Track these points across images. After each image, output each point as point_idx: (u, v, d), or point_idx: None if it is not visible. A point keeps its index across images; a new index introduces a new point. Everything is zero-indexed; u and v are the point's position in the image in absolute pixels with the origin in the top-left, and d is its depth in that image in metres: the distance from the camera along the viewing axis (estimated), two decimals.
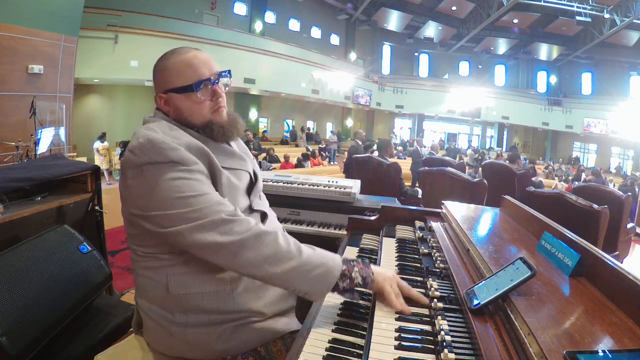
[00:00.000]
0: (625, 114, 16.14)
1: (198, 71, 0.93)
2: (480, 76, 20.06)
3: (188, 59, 0.93)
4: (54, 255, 1.32)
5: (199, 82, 0.92)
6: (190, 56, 0.94)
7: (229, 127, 0.97)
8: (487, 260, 0.91)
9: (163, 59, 0.96)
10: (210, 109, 0.95)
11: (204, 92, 0.94)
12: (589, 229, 2.39)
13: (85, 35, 7.39)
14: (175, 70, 0.93)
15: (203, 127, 0.95)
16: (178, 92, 0.93)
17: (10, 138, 4.99)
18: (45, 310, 1.15)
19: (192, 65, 0.93)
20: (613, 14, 14.80)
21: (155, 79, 0.96)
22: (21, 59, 5.65)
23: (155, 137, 0.82)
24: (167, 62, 0.94)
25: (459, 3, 17.25)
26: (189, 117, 0.94)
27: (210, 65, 0.95)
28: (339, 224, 2.07)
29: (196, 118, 0.95)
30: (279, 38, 14.88)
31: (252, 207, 0.99)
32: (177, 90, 0.93)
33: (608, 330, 0.62)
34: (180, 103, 0.93)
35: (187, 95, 0.93)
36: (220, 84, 0.97)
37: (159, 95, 0.95)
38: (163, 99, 0.95)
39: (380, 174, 3.87)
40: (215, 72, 0.95)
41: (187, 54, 0.94)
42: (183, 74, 0.92)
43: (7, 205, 1.56)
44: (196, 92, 0.92)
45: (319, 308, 0.90)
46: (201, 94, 0.93)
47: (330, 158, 12.74)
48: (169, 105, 0.95)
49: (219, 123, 0.95)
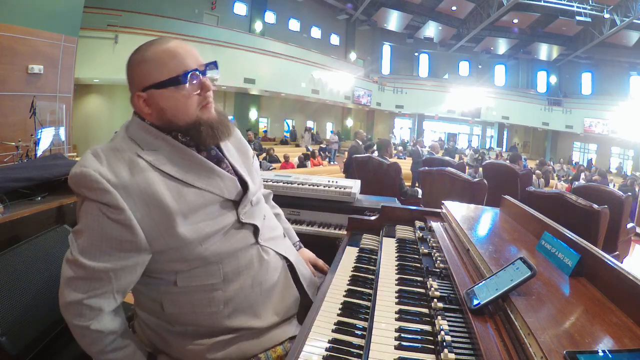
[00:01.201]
0: (625, 114, 16.13)
1: (184, 62, 0.81)
2: (480, 76, 20.06)
3: (171, 48, 0.82)
4: (54, 255, 1.31)
5: (185, 74, 0.80)
6: (173, 45, 0.82)
7: (218, 127, 0.86)
8: (487, 260, 0.91)
9: (140, 51, 0.83)
10: (198, 105, 0.84)
11: (192, 86, 0.82)
12: (589, 229, 2.39)
13: (85, 35, 7.38)
14: (157, 62, 0.81)
15: (189, 128, 0.84)
16: (160, 87, 0.80)
17: (10, 138, 4.98)
18: (45, 310, 1.15)
19: (177, 55, 0.81)
20: (613, 14, 14.80)
21: (131, 76, 0.84)
22: (21, 59, 5.64)
23: (90, 172, 0.75)
24: (146, 53, 0.82)
25: (459, 3, 17.24)
26: (174, 117, 0.83)
27: (195, 56, 0.84)
28: (339, 224, 2.07)
29: (181, 117, 0.83)
30: (279, 38, 14.87)
31: (240, 220, 0.90)
32: (160, 85, 0.80)
33: (608, 330, 0.62)
34: (163, 101, 0.82)
35: (172, 90, 0.81)
36: (208, 76, 0.86)
37: (136, 94, 0.82)
38: (142, 98, 0.82)
39: (380, 174, 3.87)
40: (202, 64, 0.84)
41: (169, 43, 0.82)
42: (166, 66, 0.80)
43: (7, 205, 1.56)
44: (181, 86, 0.81)
45: (319, 308, 0.90)
46: (188, 88, 0.81)
47: (330, 158, 12.73)
48: (149, 105, 0.83)
49: (208, 121, 0.85)
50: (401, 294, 0.93)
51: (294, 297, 1.02)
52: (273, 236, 1.01)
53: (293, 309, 1.02)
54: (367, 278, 1.08)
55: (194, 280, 0.86)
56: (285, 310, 0.98)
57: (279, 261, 1.00)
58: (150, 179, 0.80)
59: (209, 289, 0.86)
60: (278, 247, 1.01)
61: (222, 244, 0.87)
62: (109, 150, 0.80)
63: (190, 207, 0.82)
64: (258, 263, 0.93)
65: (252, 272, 0.92)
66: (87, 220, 0.78)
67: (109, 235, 0.77)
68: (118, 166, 0.78)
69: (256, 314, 0.92)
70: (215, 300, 0.87)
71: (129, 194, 0.77)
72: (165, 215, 0.79)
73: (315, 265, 1.25)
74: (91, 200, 0.77)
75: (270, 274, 0.96)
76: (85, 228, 0.78)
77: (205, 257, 0.85)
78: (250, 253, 0.92)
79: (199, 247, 0.83)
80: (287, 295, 1.00)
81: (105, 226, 0.77)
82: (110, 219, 0.77)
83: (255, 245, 0.93)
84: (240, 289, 0.89)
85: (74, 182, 0.78)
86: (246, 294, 0.90)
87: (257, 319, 0.92)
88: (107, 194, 0.76)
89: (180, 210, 0.81)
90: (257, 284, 0.92)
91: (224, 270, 0.87)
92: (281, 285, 0.99)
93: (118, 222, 0.77)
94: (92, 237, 0.78)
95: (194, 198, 0.83)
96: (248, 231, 0.93)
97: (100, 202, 0.76)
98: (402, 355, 0.70)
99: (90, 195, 0.77)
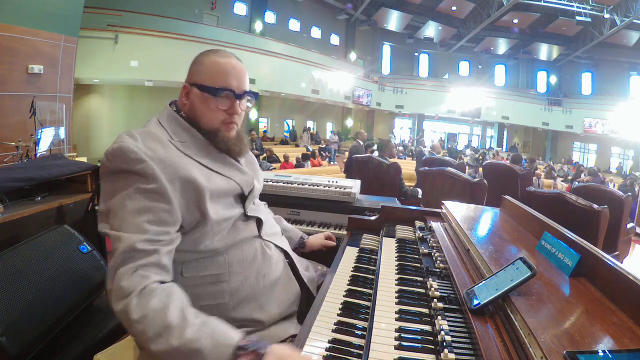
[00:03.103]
0: (625, 114, 16.12)
1: (226, 79, 0.93)
2: (480, 76, 20.04)
3: (223, 63, 0.94)
4: (54, 256, 1.32)
5: (222, 89, 0.92)
6: (226, 61, 0.94)
7: (232, 146, 0.97)
8: (487, 260, 0.91)
9: (203, 54, 0.97)
10: (222, 121, 0.95)
11: (223, 102, 0.93)
12: (589, 229, 2.38)
13: (85, 35, 7.38)
14: (208, 69, 0.93)
15: (209, 132, 0.95)
16: (200, 89, 0.93)
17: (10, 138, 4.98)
18: (45, 310, 1.15)
19: (224, 72, 0.93)
20: (613, 14, 14.79)
21: (189, 70, 0.97)
22: (21, 59, 5.64)
23: (128, 145, 0.81)
24: (205, 58, 0.95)
25: (459, 3, 17.24)
26: (200, 117, 0.94)
27: (240, 80, 0.95)
28: (339, 224, 2.07)
29: (205, 122, 0.94)
30: (279, 38, 14.86)
31: (246, 213, 0.99)
32: (200, 87, 0.93)
33: (608, 330, 0.62)
34: (197, 101, 0.93)
35: (206, 96, 0.93)
36: (242, 102, 0.97)
37: (185, 84, 0.96)
38: (187, 89, 0.95)
39: (380, 174, 3.86)
40: (242, 89, 0.95)
41: (225, 58, 0.95)
42: (212, 76, 0.93)
43: (7, 205, 1.56)
44: (215, 98, 0.92)
45: (319, 308, 0.90)
46: (219, 101, 0.93)
47: (330, 158, 12.73)
48: (187, 98, 0.95)
49: (225, 138, 0.95)
50: (401, 294, 0.93)
51: (296, 291, 1.07)
52: (273, 232, 1.08)
53: (295, 304, 1.05)
54: (367, 278, 1.08)
55: (200, 271, 0.88)
56: (288, 304, 1.02)
57: (280, 256, 1.06)
58: (183, 158, 0.87)
59: (215, 280, 0.90)
60: (278, 242, 1.07)
61: (229, 234, 0.92)
62: (143, 133, 0.87)
63: (217, 190, 0.90)
64: (261, 256, 0.98)
65: (256, 264, 0.96)
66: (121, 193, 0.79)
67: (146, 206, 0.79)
68: (153, 145, 0.85)
69: (261, 306, 0.95)
70: (221, 292, 0.90)
71: (164, 166, 0.83)
72: (196, 191, 0.85)
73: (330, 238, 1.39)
74: (127, 172, 0.80)
75: (274, 267, 1.01)
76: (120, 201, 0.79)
77: (214, 248, 0.89)
78: (254, 246, 0.98)
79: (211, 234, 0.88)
80: (289, 289, 1.04)
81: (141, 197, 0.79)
82: (146, 190, 0.80)
83: (258, 238, 1.00)
84: (245, 280, 0.93)
85: (110, 156, 0.81)
86: (251, 285, 0.94)
87: (262, 312, 0.95)
88: (144, 163, 0.80)
89: (209, 189, 0.87)
90: (261, 277, 0.97)
91: (229, 260, 0.91)
92: (284, 279, 1.04)
93: (153, 191, 0.80)
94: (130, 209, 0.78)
95: (221, 183, 0.92)
96: (253, 224, 1.00)
97: (137, 172, 0.80)
98: (402, 355, 0.70)
99: (126, 167, 0.80)
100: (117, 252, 0.75)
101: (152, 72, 9.23)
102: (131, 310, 0.70)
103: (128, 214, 0.77)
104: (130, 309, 0.70)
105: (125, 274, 0.73)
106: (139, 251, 0.75)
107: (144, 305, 0.70)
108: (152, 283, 0.74)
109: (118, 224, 0.77)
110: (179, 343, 0.68)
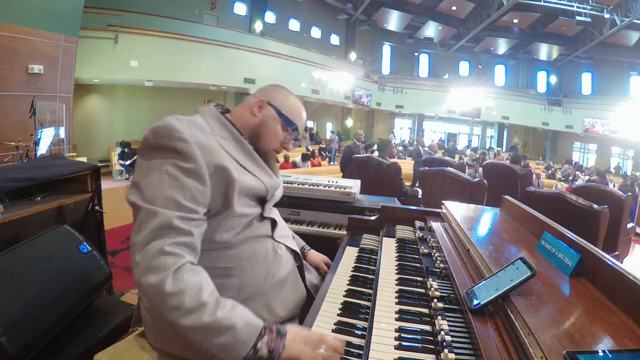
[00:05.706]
0: (625, 114, 16.11)
1: (298, 119, 1.10)
2: (480, 76, 20.04)
3: (300, 108, 1.12)
4: (54, 255, 1.31)
5: (292, 124, 1.07)
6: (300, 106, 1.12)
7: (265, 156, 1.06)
8: (487, 260, 0.91)
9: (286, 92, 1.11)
10: (277, 147, 1.07)
11: (286, 134, 1.07)
12: (589, 229, 2.38)
13: (85, 35, 7.38)
14: (291, 106, 1.09)
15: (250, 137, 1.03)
16: (278, 114, 1.06)
17: (10, 138, 4.98)
18: (45, 310, 1.15)
19: (299, 114, 1.11)
20: (613, 14, 14.79)
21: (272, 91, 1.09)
22: (21, 59, 5.65)
23: (173, 123, 0.84)
24: (291, 97, 1.11)
25: (459, 3, 17.24)
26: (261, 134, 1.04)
27: (304, 121, 1.13)
28: (339, 224, 2.07)
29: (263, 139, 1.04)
30: (279, 38, 14.86)
31: (263, 214, 1.02)
32: (279, 113, 1.06)
33: (608, 330, 0.62)
34: (269, 120, 1.05)
35: (280, 122, 1.06)
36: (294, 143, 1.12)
37: (262, 99, 1.06)
38: (262, 104, 1.05)
39: (380, 174, 3.86)
40: (302, 129, 1.13)
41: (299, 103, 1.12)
42: (292, 111, 1.08)
43: (7, 205, 1.56)
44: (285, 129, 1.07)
45: (319, 308, 0.90)
46: (286, 133, 1.07)
47: (330, 158, 12.73)
48: (259, 111, 1.05)
49: (264, 149, 1.05)
50: (401, 294, 0.93)
51: (302, 294, 1.09)
52: (285, 234, 1.12)
53: (299, 307, 1.06)
54: (367, 278, 1.08)
55: (210, 262, 0.89)
56: (293, 306, 1.04)
57: (290, 258, 1.09)
58: (220, 150, 0.92)
59: (224, 274, 0.91)
60: (290, 244, 1.10)
61: (244, 230, 0.95)
62: (187, 120, 0.91)
63: (245, 186, 0.94)
64: (272, 255, 1.01)
65: (266, 263, 0.99)
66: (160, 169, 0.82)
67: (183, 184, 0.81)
68: (195, 131, 0.88)
69: (267, 305, 0.97)
70: (229, 286, 0.91)
71: (203, 150, 0.86)
72: (227, 180, 0.89)
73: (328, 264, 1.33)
74: (169, 149, 0.83)
75: (283, 268, 1.03)
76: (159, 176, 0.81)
77: (227, 240, 0.92)
78: (266, 245, 1.00)
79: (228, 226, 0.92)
80: (296, 291, 1.06)
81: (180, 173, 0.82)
82: (185, 168, 0.83)
83: (270, 238, 1.03)
84: (255, 277, 0.96)
85: (155, 133, 0.84)
86: (259, 283, 0.96)
87: (267, 311, 0.96)
88: (186, 143, 0.83)
89: (239, 182, 0.91)
90: (270, 275, 0.99)
91: (239, 255, 0.94)
92: (291, 280, 1.06)
93: (191, 171, 0.83)
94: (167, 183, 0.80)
95: (250, 180, 0.96)
96: (267, 224, 1.04)
97: (178, 151, 0.83)
98: (402, 355, 0.70)
99: (169, 144, 0.83)
100: (149, 225, 0.77)
101: (152, 72, 9.23)
102: (167, 284, 0.73)
103: (165, 187, 0.80)
104: (167, 283, 0.73)
105: (161, 250, 0.76)
106: (175, 228, 0.78)
107: (181, 280, 0.75)
108: (187, 262, 0.78)
109: (152, 196, 0.79)
110: (211, 320, 0.74)
